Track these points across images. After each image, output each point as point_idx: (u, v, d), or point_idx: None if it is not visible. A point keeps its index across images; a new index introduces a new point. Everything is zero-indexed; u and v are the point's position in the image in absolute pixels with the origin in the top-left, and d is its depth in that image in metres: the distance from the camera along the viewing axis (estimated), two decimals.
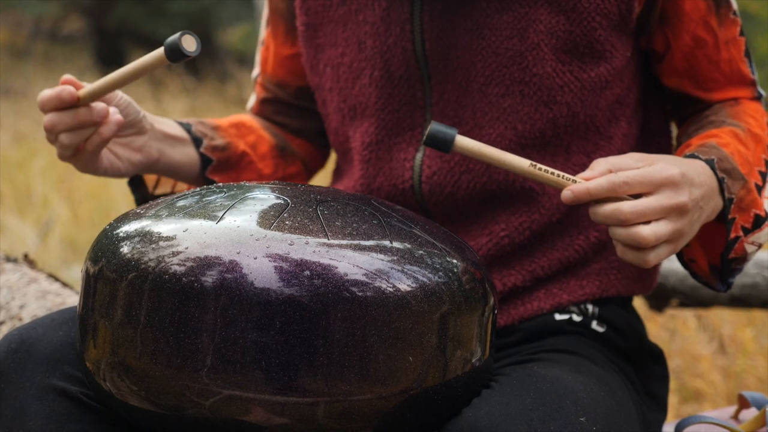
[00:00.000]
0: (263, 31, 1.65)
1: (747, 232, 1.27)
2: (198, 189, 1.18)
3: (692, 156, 1.25)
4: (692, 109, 1.46)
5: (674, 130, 1.52)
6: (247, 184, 1.19)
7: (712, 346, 3.03)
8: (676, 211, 1.15)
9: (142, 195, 1.55)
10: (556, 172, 1.15)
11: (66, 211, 4.97)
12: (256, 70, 1.68)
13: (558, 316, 1.40)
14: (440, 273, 1.06)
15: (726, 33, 1.40)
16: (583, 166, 1.39)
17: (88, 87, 1.32)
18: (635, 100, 1.44)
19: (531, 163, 1.16)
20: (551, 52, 1.34)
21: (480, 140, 1.36)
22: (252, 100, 1.70)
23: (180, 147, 1.49)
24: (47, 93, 1.31)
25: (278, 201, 1.10)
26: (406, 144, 1.43)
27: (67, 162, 1.38)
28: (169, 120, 1.50)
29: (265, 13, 1.64)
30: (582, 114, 1.37)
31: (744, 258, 1.30)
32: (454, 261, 1.10)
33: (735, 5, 1.41)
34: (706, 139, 1.32)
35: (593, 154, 1.40)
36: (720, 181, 1.23)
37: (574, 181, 1.15)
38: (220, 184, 1.22)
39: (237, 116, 1.64)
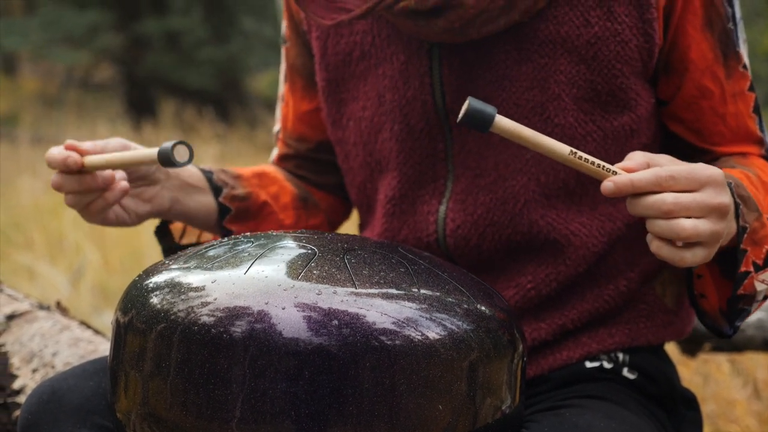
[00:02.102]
0: (282, 87, 1.66)
1: (758, 268, 1.22)
2: (227, 239, 1.19)
3: None
4: (697, 161, 1.41)
5: None
6: (275, 234, 1.19)
7: (747, 391, 2.99)
8: (718, 211, 1.10)
9: (169, 245, 1.57)
10: (596, 161, 1.10)
11: (97, 258, 5.00)
12: (277, 126, 1.69)
13: (588, 364, 1.39)
14: (469, 320, 1.06)
15: (734, 86, 1.36)
16: (609, 216, 1.38)
17: (92, 158, 1.34)
18: (661, 148, 1.43)
19: (571, 151, 1.10)
20: (572, 102, 1.33)
21: (504, 192, 1.36)
22: (273, 155, 1.71)
23: (197, 195, 1.50)
24: (54, 154, 1.34)
25: (305, 250, 1.11)
26: (429, 196, 1.43)
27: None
28: (190, 167, 1.51)
29: (282, 68, 1.65)
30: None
31: (753, 297, 1.24)
32: (483, 308, 1.09)
33: (745, 59, 1.37)
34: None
35: (619, 204, 1.38)
36: (736, 206, 1.18)
37: (614, 173, 1.10)
38: (249, 233, 1.22)
39: (261, 166, 1.65)
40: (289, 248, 1.12)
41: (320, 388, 0.97)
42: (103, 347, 1.81)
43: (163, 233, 1.56)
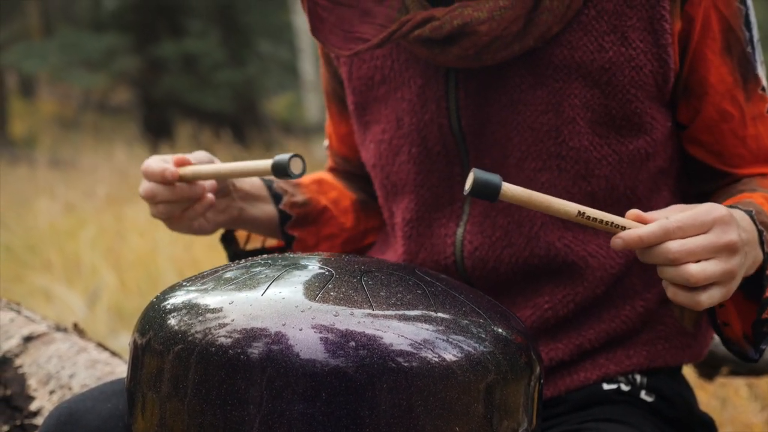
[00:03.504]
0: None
1: None
2: (244, 261, 1.19)
3: (731, 207, 1.22)
4: (719, 183, 1.42)
5: None
6: (291, 255, 1.19)
7: (765, 415, 2.97)
8: (727, 250, 1.10)
9: (234, 251, 1.63)
10: (605, 219, 1.11)
11: (113, 280, 5.01)
12: (326, 142, 1.74)
13: (606, 386, 1.38)
14: (486, 342, 1.06)
15: (753, 109, 1.37)
16: None
17: (189, 169, 1.39)
18: (678, 170, 1.43)
19: (579, 211, 1.12)
20: (587, 125, 1.34)
21: (520, 215, 1.37)
22: (326, 166, 1.76)
23: (260, 204, 1.54)
24: (153, 165, 1.38)
25: (323, 272, 1.11)
26: (446, 219, 1.43)
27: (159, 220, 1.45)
28: (250, 177, 1.56)
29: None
30: (621, 186, 1.36)
31: None
32: (500, 330, 1.09)
33: (764, 81, 1.38)
34: (739, 199, 1.29)
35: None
36: (760, 233, 1.19)
37: (623, 228, 1.12)
38: (266, 255, 1.23)
39: (319, 173, 1.70)
40: (306, 270, 1.12)
41: (337, 409, 0.97)
42: (120, 369, 1.81)
43: (228, 240, 1.63)
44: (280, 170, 1.29)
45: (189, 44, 14.36)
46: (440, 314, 1.06)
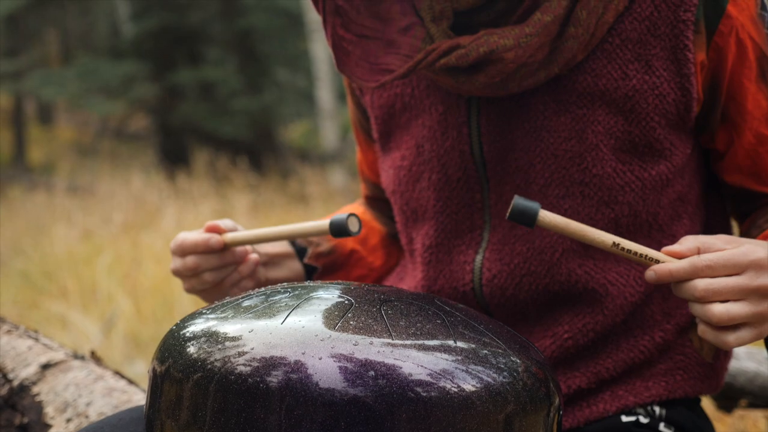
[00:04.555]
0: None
1: None
2: (264, 289, 1.20)
3: None
4: (756, 203, 1.44)
5: (734, 227, 1.51)
6: (311, 284, 1.20)
7: None
8: (758, 293, 1.12)
9: None
10: (639, 251, 1.15)
11: (129, 307, 5.02)
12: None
13: (624, 418, 1.37)
14: (505, 373, 1.05)
15: None
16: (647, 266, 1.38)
17: (234, 235, 1.42)
18: (697, 197, 1.43)
19: (614, 242, 1.15)
20: (610, 152, 1.34)
21: (541, 242, 1.37)
22: (361, 195, 1.78)
23: (287, 262, 1.57)
24: (192, 238, 1.41)
25: (342, 301, 1.11)
26: (466, 246, 1.43)
27: (195, 295, 1.46)
28: None
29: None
30: (644, 213, 1.37)
31: None
32: (519, 361, 1.09)
33: None
34: None
35: None
36: None
37: (656, 261, 1.14)
38: (285, 284, 1.23)
39: (347, 208, 1.71)
40: (326, 299, 1.12)
41: None
42: (137, 397, 1.81)
43: None
44: (340, 229, 1.32)
45: (207, 72, 14.44)
46: (460, 344, 1.06)
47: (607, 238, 1.15)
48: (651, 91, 1.31)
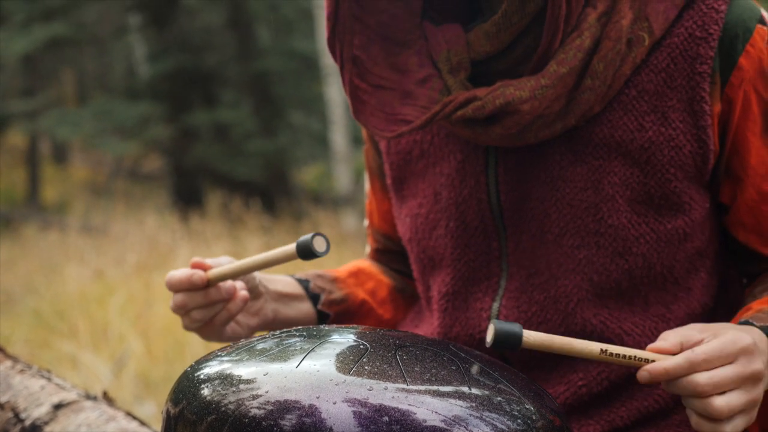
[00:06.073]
0: (367, 184, 1.71)
1: None
2: (278, 332, 1.20)
3: (746, 323, 1.23)
4: (762, 266, 1.42)
5: None
6: (326, 328, 1.20)
7: None
8: (751, 380, 1.13)
9: None
10: (628, 354, 1.14)
11: (140, 347, 5.02)
12: (366, 221, 1.74)
13: None
14: (519, 420, 1.05)
15: None
16: (662, 317, 1.37)
17: (217, 270, 1.40)
18: (715, 251, 1.43)
19: (601, 349, 1.14)
20: (626, 203, 1.34)
21: (557, 291, 1.37)
22: (367, 249, 1.76)
23: (296, 304, 1.55)
24: (177, 276, 1.39)
25: (357, 345, 1.11)
26: (482, 294, 1.43)
27: (192, 332, 1.45)
28: (284, 277, 1.57)
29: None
30: (658, 265, 1.36)
31: None
32: (533, 408, 1.08)
33: None
34: (762, 307, 1.29)
35: (672, 305, 1.38)
36: None
37: (647, 360, 1.14)
38: (300, 327, 1.23)
39: (356, 263, 1.70)
40: (341, 343, 1.12)
41: None
42: None
43: None
44: (305, 251, 1.29)
45: (221, 114, 14.52)
46: (474, 391, 1.05)
47: (594, 347, 1.15)
48: (667, 143, 1.32)
